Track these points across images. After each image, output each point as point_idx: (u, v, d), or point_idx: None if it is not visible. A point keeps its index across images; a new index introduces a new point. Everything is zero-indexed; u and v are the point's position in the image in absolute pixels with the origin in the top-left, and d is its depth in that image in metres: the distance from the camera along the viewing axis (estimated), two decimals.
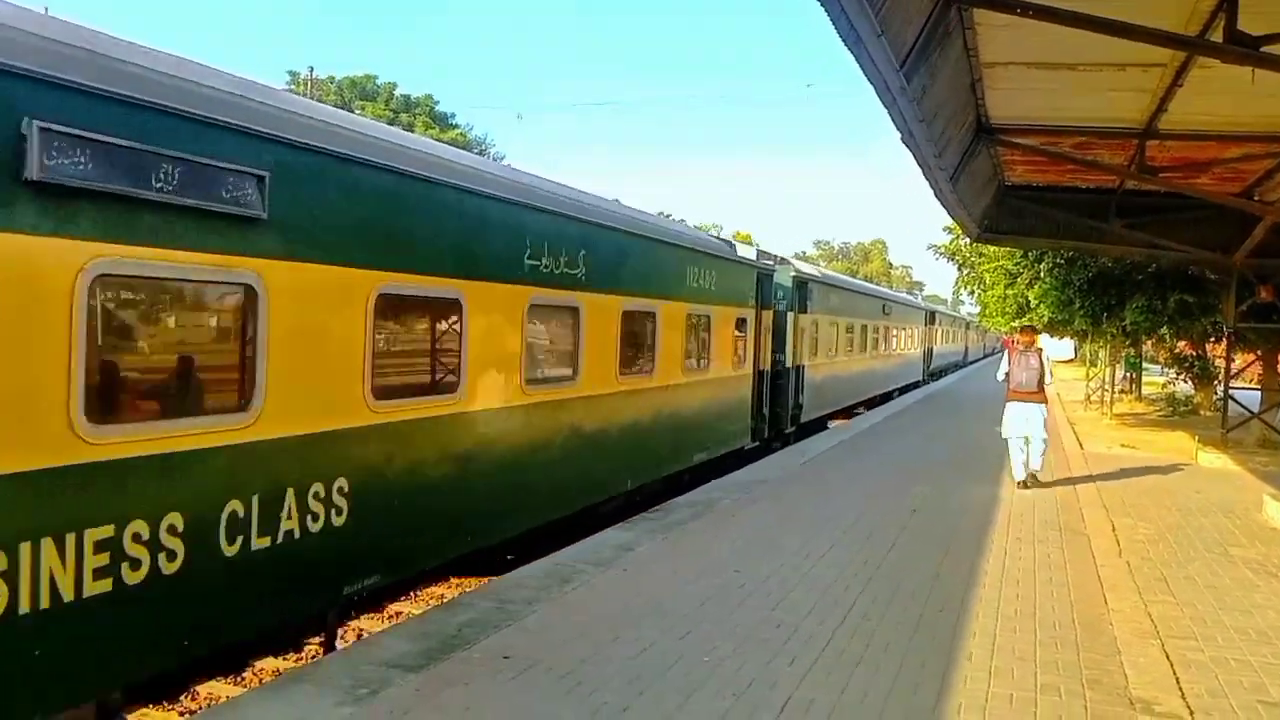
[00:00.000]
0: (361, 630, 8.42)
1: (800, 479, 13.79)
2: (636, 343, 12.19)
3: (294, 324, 6.23)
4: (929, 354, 45.90)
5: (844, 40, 6.49)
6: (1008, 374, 14.25)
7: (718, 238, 17.78)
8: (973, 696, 5.76)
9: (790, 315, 19.68)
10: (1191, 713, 5.70)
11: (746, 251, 18.11)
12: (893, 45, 6.99)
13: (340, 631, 7.91)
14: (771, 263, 19.07)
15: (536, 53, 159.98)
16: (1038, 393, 13.95)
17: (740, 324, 16.24)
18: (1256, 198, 15.35)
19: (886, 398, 32.25)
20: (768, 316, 18.06)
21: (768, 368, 18.24)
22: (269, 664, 7.83)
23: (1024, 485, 13.74)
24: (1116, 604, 7.94)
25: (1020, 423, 13.81)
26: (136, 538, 5.14)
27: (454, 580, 10.13)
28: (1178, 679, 6.24)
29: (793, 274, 20.14)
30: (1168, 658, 6.65)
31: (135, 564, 5.14)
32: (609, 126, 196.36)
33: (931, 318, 47.12)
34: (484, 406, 8.52)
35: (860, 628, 7.00)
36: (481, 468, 8.58)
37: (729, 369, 15.68)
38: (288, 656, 7.99)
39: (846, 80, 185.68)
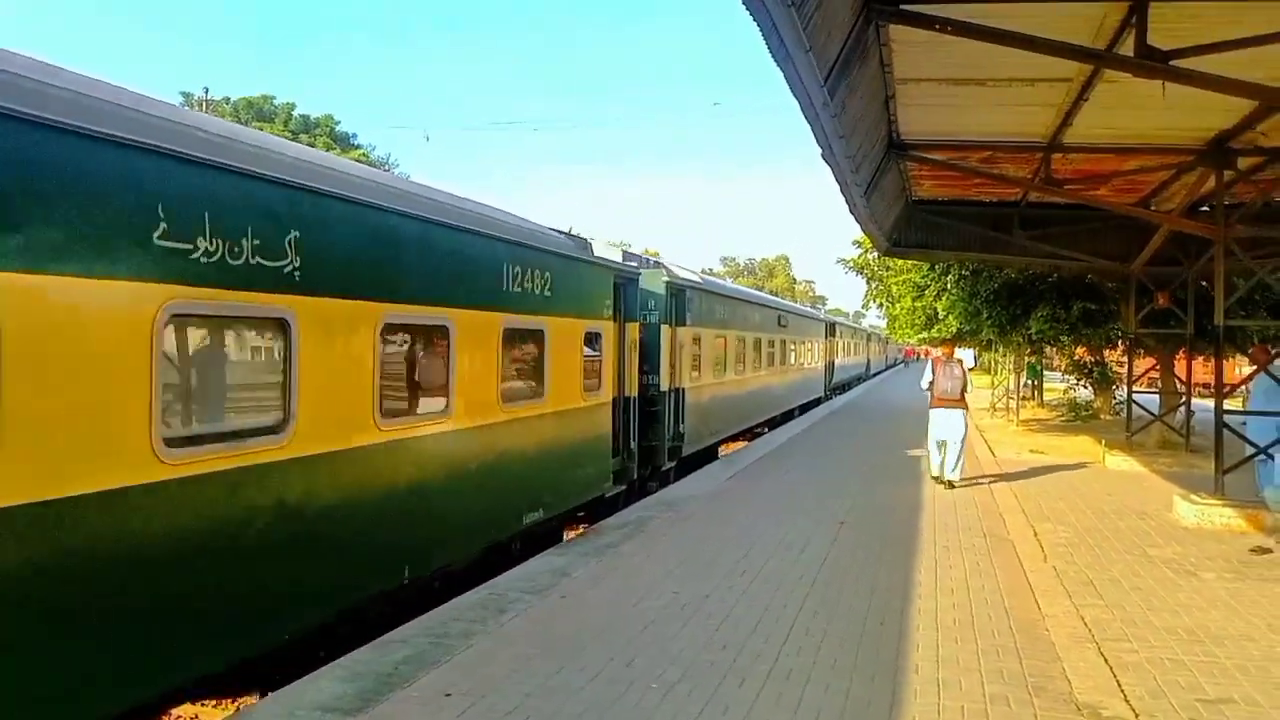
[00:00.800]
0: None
1: (728, 494, 13.76)
2: (415, 370, 8.78)
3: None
4: (831, 368, 44.21)
5: (773, 55, 6.48)
6: (932, 383, 15.27)
7: (570, 234, 13.83)
8: (925, 710, 5.73)
9: (664, 329, 16.69)
10: (1136, 715, 5.77)
11: (607, 251, 15.35)
12: (818, 61, 7.01)
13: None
14: (636, 265, 16.14)
15: (442, 71, 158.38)
16: (960, 400, 15.18)
17: (592, 340, 12.75)
18: (1153, 208, 15.93)
19: (788, 416, 30.28)
20: (634, 330, 14.77)
21: (635, 393, 14.87)
22: (187, 710, 7.44)
23: (940, 482, 14.92)
24: (1049, 609, 8.05)
25: (943, 427, 14.97)
26: None
27: None
28: (1118, 682, 6.32)
29: (665, 279, 16.99)
30: (1106, 661, 6.75)
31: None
32: (514, 144, 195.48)
33: (832, 329, 45.15)
34: None
35: (805, 644, 6.95)
36: None
37: (576, 398, 11.99)
38: (205, 703, 7.60)
39: (752, 99, 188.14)
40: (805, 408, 33.97)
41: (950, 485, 14.76)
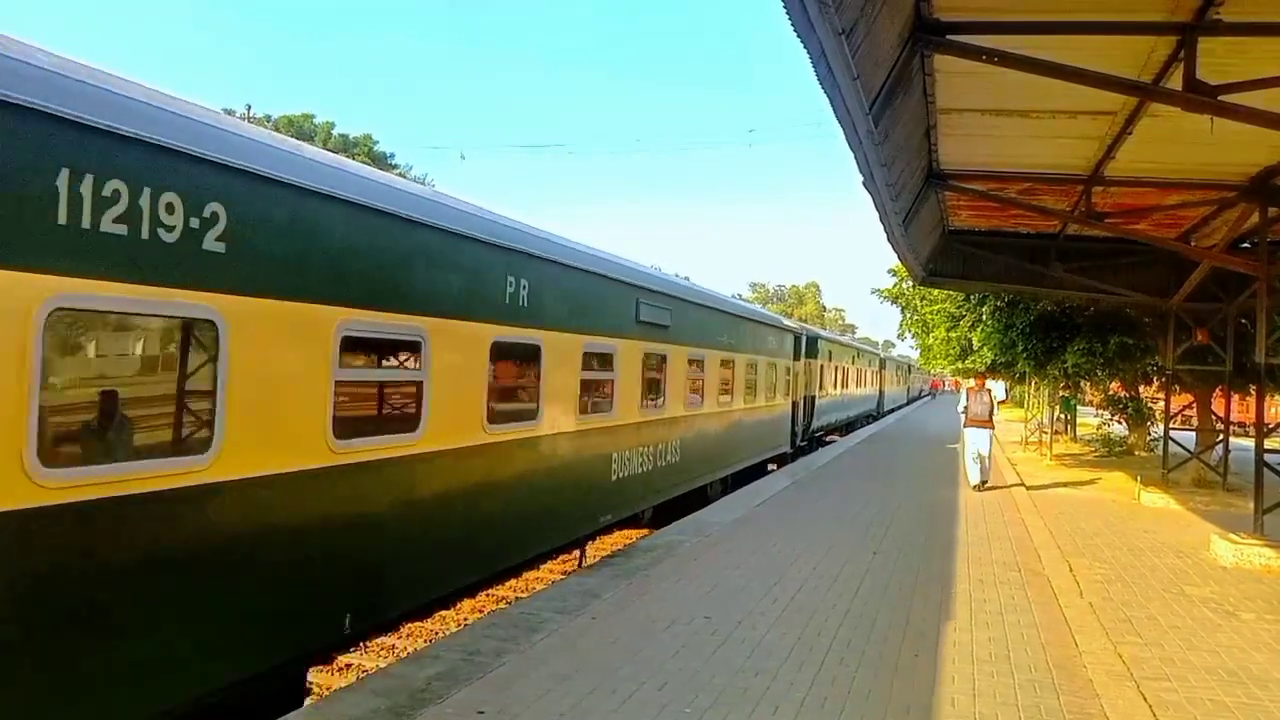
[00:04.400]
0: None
1: (758, 520, 13.69)
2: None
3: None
4: (809, 407, 28.83)
5: (820, 82, 6.51)
6: (965, 407, 19.43)
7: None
8: None
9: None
10: None
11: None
12: (864, 89, 7.04)
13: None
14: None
15: (481, 92, 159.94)
16: (988, 421, 19.16)
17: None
18: (1193, 243, 15.79)
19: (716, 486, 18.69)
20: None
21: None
22: None
23: (977, 488, 18.62)
24: (1086, 645, 7.94)
25: (975, 442, 18.92)
26: None
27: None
28: None
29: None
30: (1145, 699, 6.64)
31: None
32: (554, 168, 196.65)
33: (812, 347, 29.12)
34: None
35: (839, 674, 6.88)
36: None
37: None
38: None
39: (783, 128, 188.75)
40: (752, 472, 20.90)
41: (980, 487, 18.59)
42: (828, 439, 33.76)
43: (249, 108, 46.88)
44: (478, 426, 8.73)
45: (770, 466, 22.95)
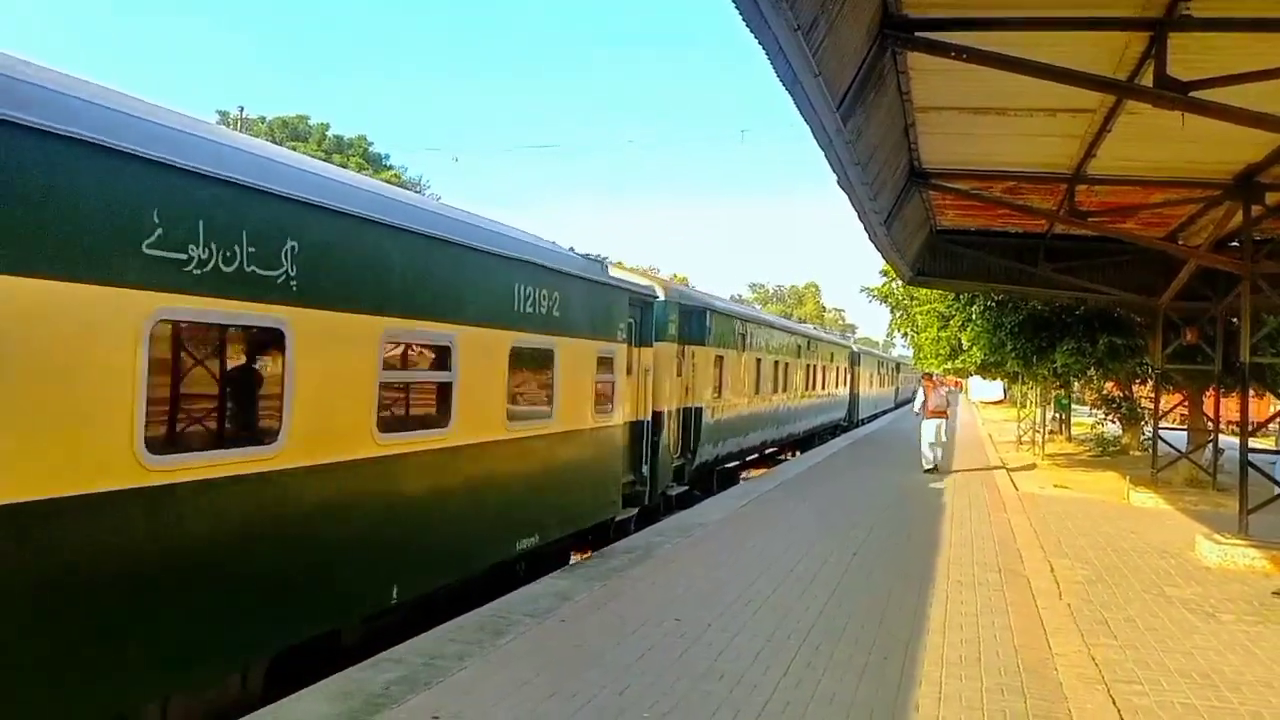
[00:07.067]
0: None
1: (741, 520, 13.62)
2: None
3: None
4: (694, 430, 17.29)
5: (781, 80, 6.44)
6: (924, 402, 22.13)
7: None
8: None
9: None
10: None
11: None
12: (829, 86, 6.96)
13: None
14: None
15: (475, 94, 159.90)
16: (944, 412, 22.29)
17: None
18: (1180, 242, 15.71)
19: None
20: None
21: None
22: None
23: (930, 471, 21.26)
24: (1060, 648, 7.86)
25: (934, 430, 21.69)
26: None
27: None
28: None
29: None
30: (1114, 704, 6.56)
31: None
32: (545, 169, 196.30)
33: (699, 325, 17.65)
34: None
35: (805, 677, 6.80)
36: None
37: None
38: None
39: (780, 127, 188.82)
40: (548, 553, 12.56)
41: (935, 470, 21.24)
42: (750, 474, 23.21)
43: (242, 109, 46.92)
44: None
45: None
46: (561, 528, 10.98)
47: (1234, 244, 15.02)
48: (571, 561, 11.74)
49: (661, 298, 15.42)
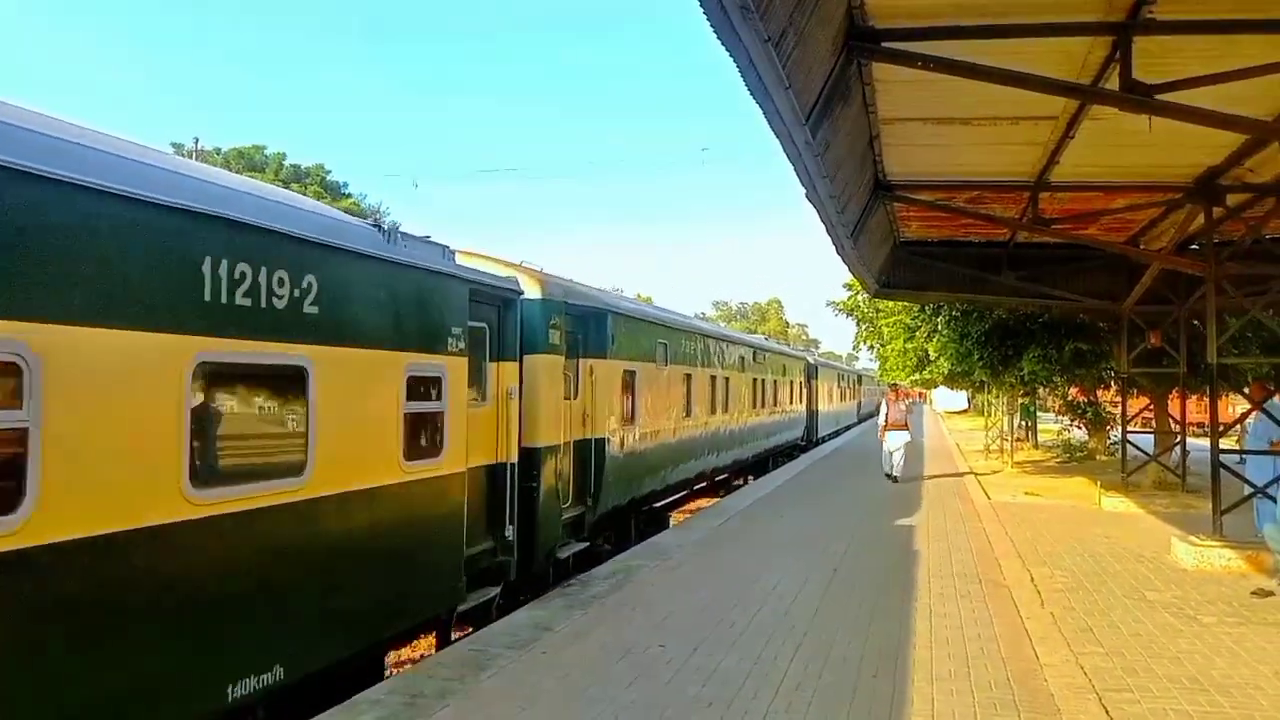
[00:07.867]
0: None
1: (719, 541, 13.48)
2: None
3: None
4: (595, 468, 13.39)
5: (751, 92, 6.36)
6: (886, 415, 22.67)
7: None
8: None
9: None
10: None
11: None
12: (798, 99, 6.89)
13: None
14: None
15: (433, 122, 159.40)
16: (904, 425, 22.50)
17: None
18: (1142, 246, 15.85)
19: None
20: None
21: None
22: None
23: (891, 479, 21.99)
24: (1048, 658, 7.78)
25: (894, 440, 22.20)
26: None
27: None
28: None
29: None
30: (1107, 712, 6.49)
31: None
32: (504, 192, 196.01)
33: (598, 332, 13.72)
34: None
35: (795, 699, 6.66)
36: None
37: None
38: None
39: (739, 145, 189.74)
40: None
41: (895, 480, 21.87)
42: (677, 515, 19.81)
43: (197, 141, 46.22)
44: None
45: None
46: (338, 644, 7.16)
47: (1195, 247, 15.16)
48: (387, 675, 8.26)
49: (534, 295, 11.51)
